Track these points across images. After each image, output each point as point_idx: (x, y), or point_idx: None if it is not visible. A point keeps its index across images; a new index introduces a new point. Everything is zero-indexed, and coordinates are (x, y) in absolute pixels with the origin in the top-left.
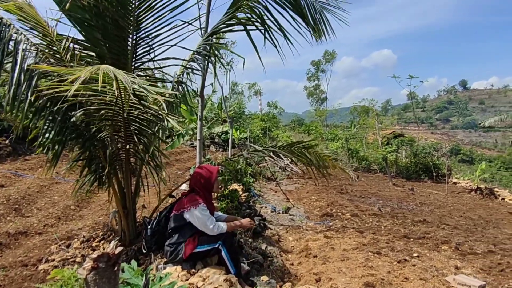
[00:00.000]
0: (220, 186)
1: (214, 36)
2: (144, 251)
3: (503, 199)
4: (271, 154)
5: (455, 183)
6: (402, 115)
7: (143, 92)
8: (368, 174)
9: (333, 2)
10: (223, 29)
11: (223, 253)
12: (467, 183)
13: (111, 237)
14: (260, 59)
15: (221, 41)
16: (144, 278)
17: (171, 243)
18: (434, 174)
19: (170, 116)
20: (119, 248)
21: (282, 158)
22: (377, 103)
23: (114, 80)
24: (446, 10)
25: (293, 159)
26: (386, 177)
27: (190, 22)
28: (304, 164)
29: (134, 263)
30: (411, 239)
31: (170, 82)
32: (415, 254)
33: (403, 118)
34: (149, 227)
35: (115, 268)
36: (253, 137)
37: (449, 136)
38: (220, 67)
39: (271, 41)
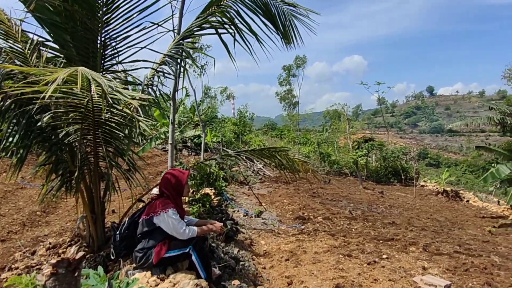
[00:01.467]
0: (191, 190)
1: (186, 40)
2: (112, 257)
3: (467, 201)
4: (243, 158)
5: (422, 186)
6: (372, 119)
7: (116, 95)
8: (340, 177)
9: (302, 11)
10: (195, 33)
11: (193, 258)
12: (434, 186)
13: (78, 243)
14: (233, 61)
15: (196, 45)
16: (107, 284)
17: (140, 248)
18: (403, 177)
19: (142, 120)
20: (80, 253)
21: (254, 162)
22: (348, 108)
23: (93, 82)
24: (413, 19)
25: (266, 162)
26: (357, 181)
27: (160, 24)
28: (275, 167)
29: (100, 269)
30: (381, 241)
31: (140, 85)
32: (384, 256)
33: (373, 122)
34: (117, 232)
35: (76, 274)
36: (226, 141)
37: (417, 140)
38: (193, 70)
39: (243, 44)
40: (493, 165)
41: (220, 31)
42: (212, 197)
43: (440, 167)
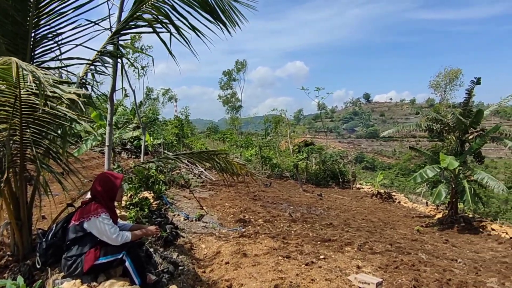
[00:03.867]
0: (129, 194)
1: (124, 37)
2: (38, 266)
3: (399, 202)
4: (182, 161)
5: (359, 188)
6: (313, 124)
7: (53, 90)
8: (281, 180)
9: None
10: (128, 30)
11: (127, 264)
12: (369, 188)
13: (1, 251)
14: (174, 59)
15: (136, 44)
16: None
17: (69, 255)
18: (340, 180)
19: (80, 118)
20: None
21: (196, 165)
22: (287, 112)
23: (30, 75)
24: (351, 29)
25: (205, 165)
26: (297, 184)
27: (96, 22)
28: (215, 170)
29: (20, 279)
30: (319, 242)
31: (74, 83)
32: (321, 256)
33: (314, 127)
34: (43, 239)
35: None
36: (167, 143)
37: (355, 144)
38: (134, 71)
39: (183, 41)
40: (421, 167)
41: (158, 30)
42: (151, 201)
43: (376, 170)
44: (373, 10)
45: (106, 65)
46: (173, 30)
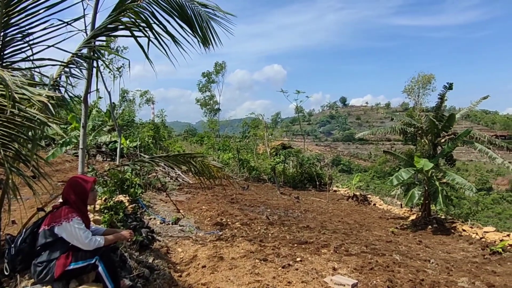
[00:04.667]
0: (104, 198)
1: (99, 39)
2: (6, 273)
3: (374, 204)
4: (158, 163)
5: (335, 191)
6: (290, 127)
7: (21, 92)
8: (258, 183)
9: (219, 13)
10: (106, 33)
11: (100, 269)
12: (345, 191)
13: None
14: (151, 63)
15: (112, 46)
16: None
17: (40, 261)
18: (317, 183)
19: (50, 121)
20: None
21: (173, 168)
22: (265, 116)
23: None
24: (328, 33)
25: (181, 168)
26: (274, 187)
27: (69, 22)
28: (191, 173)
29: None
30: (295, 245)
31: (46, 85)
32: (298, 259)
33: (291, 130)
34: (12, 245)
35: None
36: (143, 146)
37: (331, 148)
38: (109, 72)
39: (159, 47)
40: (396, 170)
41: (135, 33)
42: (127, 204)
43: (352, 173)
44: (350, 15)
45: (81, 67)
46: (150, 34)
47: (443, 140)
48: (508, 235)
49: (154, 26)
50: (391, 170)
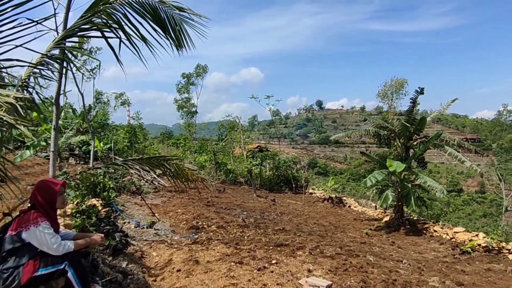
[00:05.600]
0: (75, 202)
1: (71, 40)
2: None
3: (349, 206)
4: (131, 166)
5: (311, 193)
6: (267, 130)
7: None
8: (235, 186)
9: (194, 17)
10: (78, 34)
11: (69, 274)
12: (321, 193)
13: None
14: (121, 66)
15: (85, 46)
16: None
17: (5, 267)
18: (293, 185)
19: (17, 122)
20: None
21: (148, 171)
22: (241, 119)
23: None
24: (304, 37)
25: (155, 171)
26: (251, 189)
27: (39, 22)
28: (165, 176)
29: None
30: (271, 247)
31: (14, 86)
32: (273, 261)
33: (268, 133)
34: None
35: None
36: (118, 149)
37: (308, 150)
38: (82, 74)
39: (132, 49)
40: (370, 172)
41: (107, 34)
42: (100, 208)
43: (328, 175)
44: (326, 20)
45: (51, 68)
46: (123, 36)
47: (415, 143)
48: (477, 235)
49: (126, 28)
50: (366, 172)
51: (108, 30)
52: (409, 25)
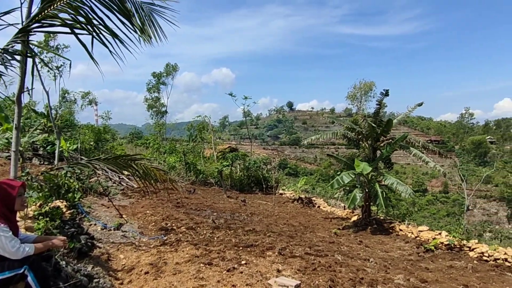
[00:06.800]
0: (38, 203)
1: (37, 33)
2: None
3: (319, 207)
4: (96, 167)
5: (281, 194)
6: (238, 131)
7: None
8: (205, 187)
9: (160, 3)
10: (41, 28)
11: (29, 279)
12: (291, 193)
13: None
14: (95, 63)
15: (51, 43)
16: None
17: None
18: (264, 186)
19: None
20: None
21: (117, 172)
22: (211, 119)
23: None
24: (276, 38)
25: (122, 172)
26: (221, 190)
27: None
28: (134, 177)
29: None
30: (241, 248)
31: None
32: (243, 262)
33: (239, 134)
34: None
35: None
36: (85, 149)
37: (278, 151)
38: (48, 71)
39: (103, 45)
40: (338, 173)
41: (77, 31)
42: (64, 210)
43: (298, 176)
44: (296, 22)
45: (12, 64)
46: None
47: (382, 144)
48: (440, 234)
49: (95, 22)
50: (335, 173)
51: (78, 26)
52: (377, 30)
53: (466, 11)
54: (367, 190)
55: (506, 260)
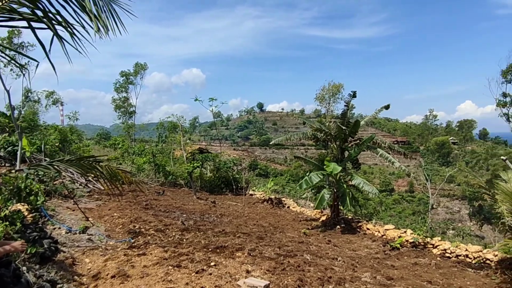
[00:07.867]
0: None
1: None
2: None
3: (288, 207)
4: (57, 168)
5: (251, 194)
6: (208, 132)
7: None
8: (174, 188)
9: None
10: None
11: None
12: (261, 194)
13: None
14: (50, 62)
15: (15, 40)
16: None
17: None
18: (234, 187)
19: None
20: None
21: (80, 174)
22: (183, 119)
23: None
24: (246, 39)
25: (86, 174)
26: (191, 191)
27: None
28: (98, 179)
29: None
30: (210, 250)
31: None
32: (212, 263)
33: (210, 135)
34: None
35: None
36: (49, 150)
37: (249, 152)
38: (11, 70)
39: (60, 41)
40: (307, 174)
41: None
42: (26, 213)
43: (269, 177)
44: (266, 24)
45: None
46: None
47: (350, 145)
48: (405, 232)
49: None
50: (304, 173)
51: (34, 18)
52: (345, 33)
53: (429, 17)
54: (335, 190)
55: (467, 256)
